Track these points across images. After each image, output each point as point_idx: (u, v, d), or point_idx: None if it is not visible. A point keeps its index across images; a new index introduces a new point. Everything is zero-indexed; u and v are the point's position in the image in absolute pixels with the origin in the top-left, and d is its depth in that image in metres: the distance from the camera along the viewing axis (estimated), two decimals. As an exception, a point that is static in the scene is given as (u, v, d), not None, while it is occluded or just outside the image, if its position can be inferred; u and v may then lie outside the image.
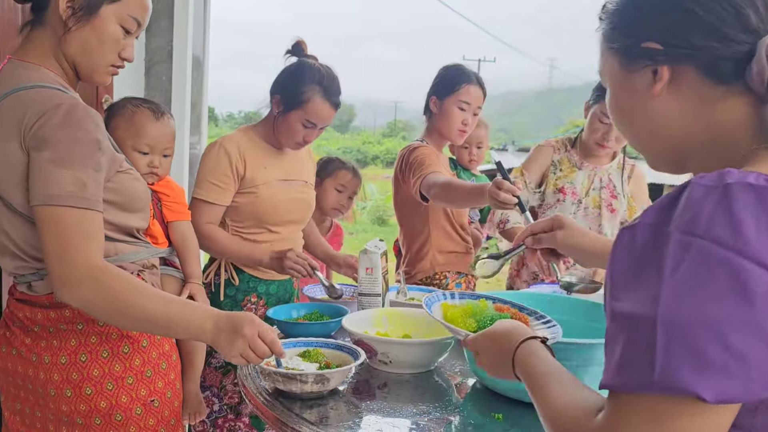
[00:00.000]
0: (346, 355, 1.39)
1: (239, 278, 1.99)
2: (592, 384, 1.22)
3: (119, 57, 1.32)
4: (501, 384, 1.29)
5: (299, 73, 1.91)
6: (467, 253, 2.35)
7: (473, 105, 2.24)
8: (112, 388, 1.29)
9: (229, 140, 1.95)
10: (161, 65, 4.15)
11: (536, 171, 2.35)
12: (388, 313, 1.62)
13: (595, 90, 2.20)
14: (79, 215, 1.16)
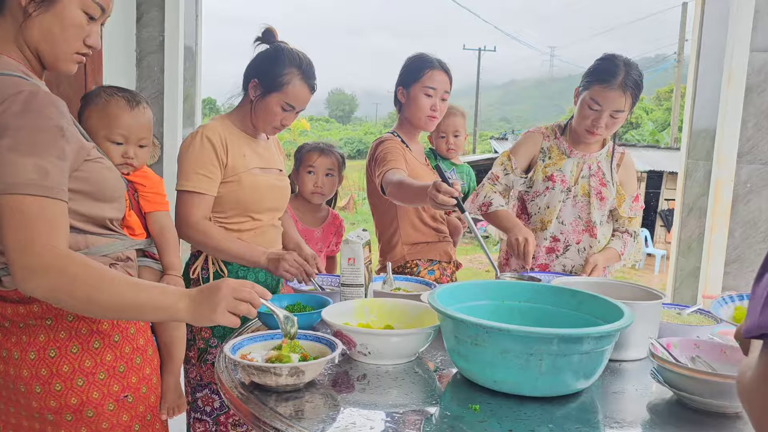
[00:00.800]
0: (324, 346, 1.36)
1: (227, 269, 1.97)
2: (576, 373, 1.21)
3: (84, 44, 1.29)
4: (479, 375, 1.27)
5: (277, 56, 1.91)
6: (441, 241, 2.37)
7: (439, 90, 2.25)
8: (82, 383, 1.28)
9: (210, 129, 1.92)
10: (153, 56, 4.13)
11: (524, 156, 2.33)
12: (370, 303, 1.60)
13: (584, 77, 2.16)
14: (41, 203, 1.14)
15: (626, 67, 2.08)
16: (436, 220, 2.36)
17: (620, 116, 2.11)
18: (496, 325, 1.18)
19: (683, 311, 1.76)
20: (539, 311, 1.51)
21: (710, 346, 1.37)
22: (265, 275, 2.04)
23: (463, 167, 2.55)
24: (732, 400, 1.19)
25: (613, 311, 1.35)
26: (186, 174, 1.88)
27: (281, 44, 1.96)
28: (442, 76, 2.26)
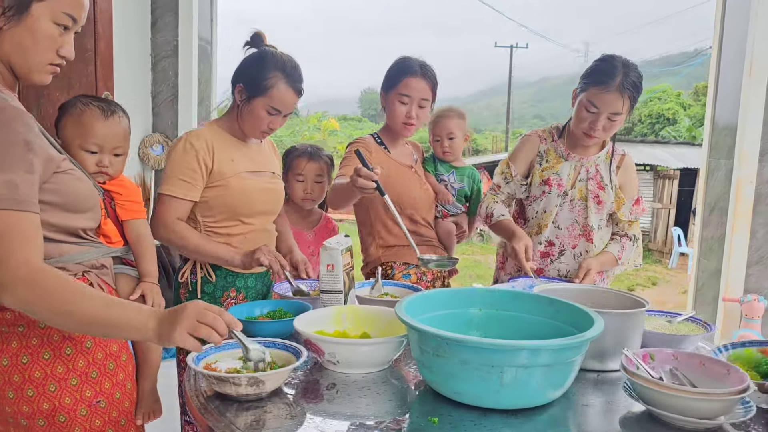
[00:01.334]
0: (291, 355, 1.36)
1: (216, 274, 1.99)
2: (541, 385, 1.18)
3: (57, 55, 1.30)
4: (443, 386, 1.25)
5: (262, 61, 1.92)
6: (421, 245, 2.28)
7: (415, 97, 2.23)
8: (54, 389, 1.29)
9: (196, 135, 1.94)
10: (167, 60, 4.19)
11: (522, 162, 2.28)
12: (348, 310, 1.59)
13: (582, 78, 2.11)
14: (13, 217, 1.15)
15: (624, 69, 2.02)
16: (416, 222, 2.33)
17: (618, 119, 2.05)
18: (454, 336, 1.16)
19: (674, 319, 1.70)
20: (517, 320, 1.47)
21: (689, 358, 1.32)
22: (255, 280, 2.05)
23: (465, 169, 2.50)
24: (703, 416, 1.14)
25: (587, 321, 1.31)
26: (167, 178, 1.91)
27: (267, 48, 1.96)
28: (419, 84, 2.22)
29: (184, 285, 2.00)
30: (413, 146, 2.53)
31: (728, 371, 1.26)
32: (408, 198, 2.29)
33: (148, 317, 1.20)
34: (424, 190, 2.36)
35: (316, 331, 1.50)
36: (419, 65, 2.24)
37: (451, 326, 1.43)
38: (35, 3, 1.24)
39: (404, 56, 2.30)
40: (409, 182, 2.31)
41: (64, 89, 2.99)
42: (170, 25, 4.12)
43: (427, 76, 2.24)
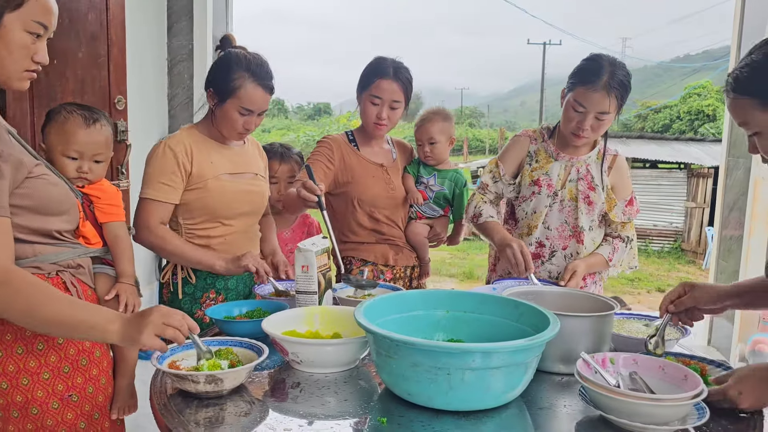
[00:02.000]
0: (255, 354, 1.39)
1: (196, 276, 2.02)
2: (492, 388, 1.19)
3: (33, 61, 1.35)
4: (396, 387, 1.26)
5: (226, 63, 1.95)
6: (379, 243, 2.36)
7: (386, 99, 2.24)
8: (27, 383, 1.35)
9: (174, 139, 1.98)
10: (183, 64, 4.29)
11: (511, 162, 2.27)
12: (320, 311, 1.62)
13: (569, 78, 2.09)
14: None
15: (611, 68, 2.00)
16: (378, 221, 2.35)
17: (606, 118, 2.03)
18: (403, 339, 1.17)
19: (652, 323, 1.68)
20: (483, 322, 1.48)
21: (650, 363, 1.32)
22: (236, 281, 2.08)
23: (449, 172, 2.47)
24: (655, 422, 1.14)
25: (548, 324, 1.31)
26: (148, 182, 1.95)
27: (232, 50, 1.99)
28: (391, 86, 2.23)
29: (165, 285, 2.06)
30: (400, 146, 2.52)
31: (686, 376, 1.25)
32: (369, 195, 2.31)
33: (113, 320, 1.28)
34: (390, 189, 2.35)
35: (287, 332, 1.53)
36: (393, 67, 2.24)
37: (416, 328, 1.47)
38: (6, 14, 1.29)
39: (379, 57, 2.30)
40: (371, 180, 2.31)
41: (77, 94, 3.09)
42: (185, 30, 4.22)
43: (400, 78, 2.24)
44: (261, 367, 1.46)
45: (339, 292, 1.93)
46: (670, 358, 1.41)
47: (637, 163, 13.76)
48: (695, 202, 12.76)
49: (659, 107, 30.48)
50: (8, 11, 1.28)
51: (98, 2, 3.13)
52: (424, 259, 2.49)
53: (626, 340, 1.55)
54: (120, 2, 3.26)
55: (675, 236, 12.99)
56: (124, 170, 3.30)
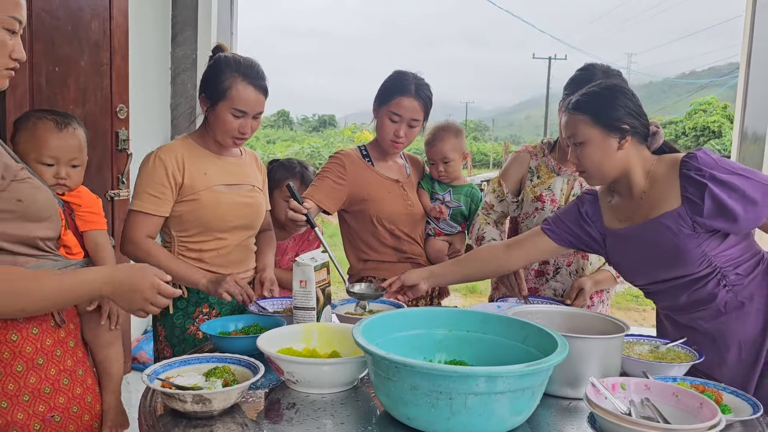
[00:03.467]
0: (252, 373, 1.34)
1: (189, 290, 1.96)
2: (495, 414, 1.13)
3: (11, 59, 1.30)
4: (395, 411, 1.20)
5: (216, 66, 1.92)
6: (401, 262, 2.26)
7: (405, 117, 2.17)
8: (6, 405, 1.30)
9: (166, 150, 1.93)
10: (186, 74, 4.26)
11: (513, 179, 2.22)
12: (318, 328, 1.56)
13: (564, 89, 2.05)
14: None
15: (604, 76, 1.98)
16: (399, 239, 2.26)
17: None
18: (401, 360, 1.12)
19: (663, 345, 1.62)
20: (487, 342, 1.42)
21: (662, 389, 1.25)
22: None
23: (464, 188, 2.40)
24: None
25: (555, 346, 1.25)
26: (136, 194, 1.90)
27: (221, 54, 1.96)
28: (412, 103, 2.16)
29: None
30: (412, 161, 2.47)
31: (701, 404, 1.19)
32: (387, 212, 2.23)
33: (103, 283, 1.28)
34: (408, 205, 2.28)
35: (284, 349, 1.47)
36: (415, 84, 2.18)
37: (417, 348, 1.42)
38: None
39: (400, 71, 2.24)
40: (389, 197, 2.24)
41: (79, 102, 3.05)
42: (189, 40, 4.19)
43: (421, 96, 2.18)
44: (256, 386, 1.40)
45: (338, 309, 1.87)
46: (683, 384, 1.35)
47: (643, 178, 13.68)
48: (701, 219, 12.66)
49: (665, 123, 30.44)
50: None
51: (101, 10, 3.11)
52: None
53: (636, 364, 1.49)
54: (123, 11, 3.23)
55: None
56: (125, 180, 3.26)
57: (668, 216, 1.61)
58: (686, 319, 1.71)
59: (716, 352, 1.66)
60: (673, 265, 1.65)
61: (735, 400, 1.33)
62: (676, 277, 1.66)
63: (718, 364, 1.65)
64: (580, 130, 1.67)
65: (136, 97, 3.53)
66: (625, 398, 1.25)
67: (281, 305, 1.92)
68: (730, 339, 1.65)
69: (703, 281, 1.64)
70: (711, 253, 1.61)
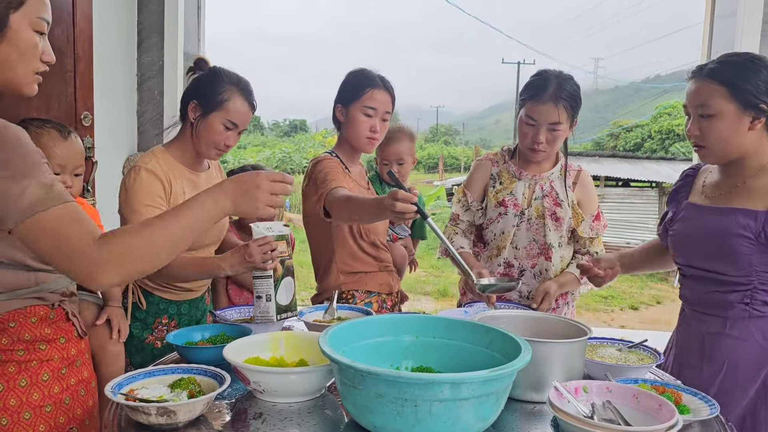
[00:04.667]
0: (217, 384, 1.33)
1: (147, 301, 1.95)
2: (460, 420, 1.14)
3: (41, 61, 1.30)
4: (361, 419, 1.21)
5: (215, 76, 1.92)
6: (381, 271, 2.23)
7: (380, 110, 2.13)
8: (6, 423, 1.30)
9: (153, 165, 1.88)
10: (153, 80, 4.21)
11: (477, 187, 2.25)
12: (285, 336, 1.56)
13: (519, 95, 2.10)
14: (62, 210, 1.19)
15: (557, 80, 2.03)
16: (378, 247, 2.23)
17: (560, 128, 2.04)
18: (366, 368, 1.12)
19: (625, 347, 1.66)
20: (452, 348, 1.43)
21: (623, 391, 1.28)
22: (189, 306, 2.02)
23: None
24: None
25: (519, 351, 1.27)
26: (133, 210, 1.82)
27: (218, 66, 1.96)
28: (383, 96, 2.14)
29: None
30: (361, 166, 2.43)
31: (660, 406, 1.22)
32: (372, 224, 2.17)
33: (216, 203, 1.30)
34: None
35: (251, 358, 1.47)
36: (379, 78, 2.16)
37: (384, 355, 1.42)
38: (12, 14, 1.22)
39: (363, 68, 2.21)
40: None
41: (42, 110, 3.00)
42: (156, 46, 4.14)
43: (389, 89, 2.17)
44: (222, 396, 1.39)
45: (306, 316, 1.87)
46: (643, 386, 1.38)
47: (610, 181, 13.94)
48: (667, 221, 12.95)
49: (631, 126, 31.06)
50: (12, 11, 1.23)
51: (65, 16, 3.06)
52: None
53: (599, 366, 1.52)
54: (87, 17, 3.19)
55: (647, 254, 13.14)
56: (90, 188, 3.21)
57: (745, 213, 1.56)
58: (697, 317, 1.69)
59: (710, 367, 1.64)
60: (717, 257, 1.61)
61: (694, 400, 1.36)
62: (711, 270, 1.62)
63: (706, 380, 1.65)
64: (714, 102, 1.57)
65: (101, 104, 3.48)
66: (588, 401, 1.27)
67: (248, 313, 1.92)
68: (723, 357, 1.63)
69: (731, 287, 1.60)
70: (757, 266, 1.56)
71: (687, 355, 1.72)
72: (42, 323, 1.36)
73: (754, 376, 1.59)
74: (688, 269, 1.71)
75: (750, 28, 3.57)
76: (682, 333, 1.77)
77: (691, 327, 1.73)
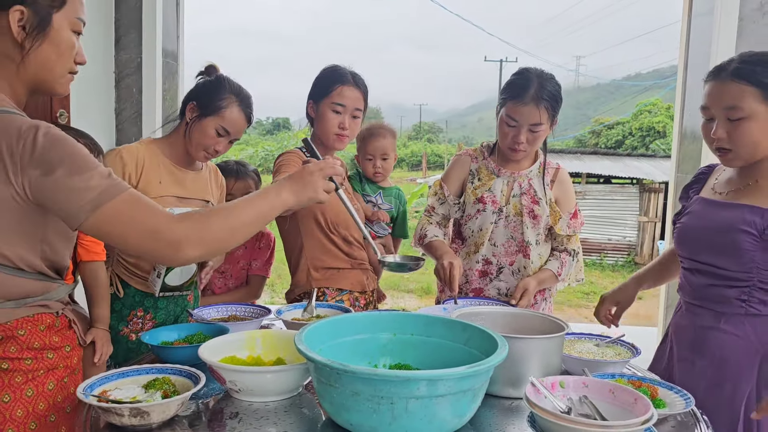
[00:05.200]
0: (192, 383, 1.31)
1: (125, 292, 1.97)
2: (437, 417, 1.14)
3: (75, 62, 1.30)
4: (338, 417, 1.20)
5: (218, 83, 1.96)
6: (355, 268, 2.22)
7: (349, 107, 2.11)
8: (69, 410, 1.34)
9: (128, 150, 1.94)
10: (131, 77, 4.15)
11: (454, 181, 2.24)
12: (262, 335, 1.54)
13: (500, 94, 2.10)
14: (126, 196, 1.21)
15: (539, 80, 2.01)
16: (351, 244, 2.21)
17: (540, 129, 2.04)
18: (342, 366, 1.11)
19: (603, 342, 1.66)
20: (430, 345, 1.43)
21: (599, 386, 1.29)
22: (166, 302, 2.00)
23: (392, 190, 2.42)
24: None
25: (496, 347, 1.27)
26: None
27: (223, 74, 2.01)
28: (353, 93, 2.12)
29: None
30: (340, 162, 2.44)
31: (636, 400, 1.22)
32: (341, 217, 2.16)
33: (278, 194, 1.38)
34: (356, 209, 2.19)
35: (227, 357, 1.46)
36: (351, 74, 2.14)
37: (362, 353, 1.41)
38: (55, 13, 1.23)
39: (334, 65, 2.19)
40: (337, 201, 2.17)
41: (15, 107, 2.95)
42: (134, 42, 4.09)
43: (360, 86, 2.14)
44: (198, 396, 1.38)
45: (285, 315, 1.86)
46: (620, 380, 1.39)
47: (592, 178, 14.04)
48: (647, 217, 13.07)
49: (612, 124, 31.30)
50: (56, 11, 1.23)
51: (39, 12, 3.01)
52: (378, 279, 2.42)
53: (577, 362, 1.52)
54: (62, 13, 3.14)
55: (628, 250, 13.26)
56: (67, 186, 3.17)
57: (752, 209, 1.54)
58: (698, 312, 1.68)
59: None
60: (719, 251, 1.59)
61: (669, 394, 1.37)
62: (712, 264, 1.61)
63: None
64: (745, 104, 1.49)
65: (78, 101, 3.43)
66: (564, 396, 1.27)
67: (225, 312, 1.91)
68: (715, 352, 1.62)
69: (730, 282, 1.59)
70: (759, 263, 1.54)
71: (680, 348, 1.72)
72: (50, 331, 1.37)
73: (746, 374, 1.58)
74: (689, 262, 1.70)
75: (727, 26, 3.60)
76: (677, 326, 1.76)
77: (685, 320, 1.73)
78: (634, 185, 13.52)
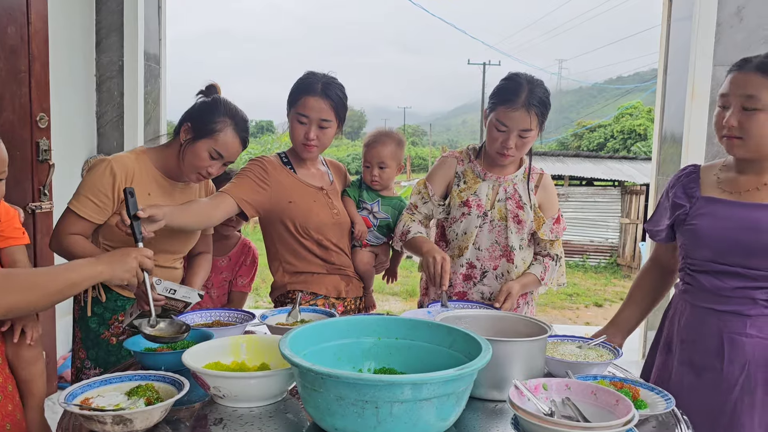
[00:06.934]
0: (176, 390, 1.30)
1: (107, 296, 1.97)
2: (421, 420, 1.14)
3: None
4: (322, 422, 1.20)
5: (213, 105, 1.94)
6: (331, 274, 2.21)
7: (313, 117, 2.08)
8: None
9: (119, 160, 1.93)
10: (112, 80, 4.13)
11: (439, 182, 2.24)
12: (247, 340, 1.54)
13: (489, 98, 2.10)
14: None
15: (530, 86, 2.02)
16: (327, 249, 2.19)
17: (529, 135, 2.05)
18: (326, 371, 1.11)
19: (585, 344, 1.68)
20: (415, 349, 1.43)
21: (582, 388, 1.30)
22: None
23: (392, 199, 2.37)
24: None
25: (480, 350, 1.28)
26: (77, 194, 1.92)
27: (219, 96, 1.99)
28: (318, 103, 2.07)
29: (77, 301, 2.03)
30: (334, 167, 2.41)
31: (617, 401, 1.23)
32: (314, 222, 2.15)
33: (99, 272, 1.42)
34: (334, 214, 2.21)
35: (212, 363, 1.45)
36: (322, 83, 2.10)
37: (346, 357, 1.41)
38: None
39: (310, 72, 2.16)
40: (315, 205, 2.17)
41: (-6, 111, 2.92)
42: (115, 45, 4.07)
43: (329, 96, 2.09)
44: (182, 403, 1.37)
45: (269, 320, 1.86)
46: (602, 382, 1.40)
47: (574, 180, 14.16)
48: (629, 218, 13.20)
49: (594, 126, 31.56)
50: None
51: (19, 16, 2.97)
52: (369, 288, 2.39)
53: (560, 364, 1.54)
54: (42, 16, 3.10)
55: (611, 251, 13.38)
56: (47, 191, 3.13)
57: None
58: (711, 314, 1.66)
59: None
60: (749, 252, 1.58)
61: (650, 395, 1.39)
62: (743, 265, 1.60)
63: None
64: (763, 96, 1.55)
65: (59, 105, 3.40)
66: (547, 398, 1.28)
67: (209, 317, 1.90)
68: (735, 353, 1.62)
69: (759, 282, 1.58)
70: None
71: (702, 357, 1.68)
72: None
73: None
74: (712, 264, 1.67)
75: (705, 30, 3.66)
76: (692, 334, 1.72)
77: (706, 326, 1.69)
78: (615, 187, 13.65)
